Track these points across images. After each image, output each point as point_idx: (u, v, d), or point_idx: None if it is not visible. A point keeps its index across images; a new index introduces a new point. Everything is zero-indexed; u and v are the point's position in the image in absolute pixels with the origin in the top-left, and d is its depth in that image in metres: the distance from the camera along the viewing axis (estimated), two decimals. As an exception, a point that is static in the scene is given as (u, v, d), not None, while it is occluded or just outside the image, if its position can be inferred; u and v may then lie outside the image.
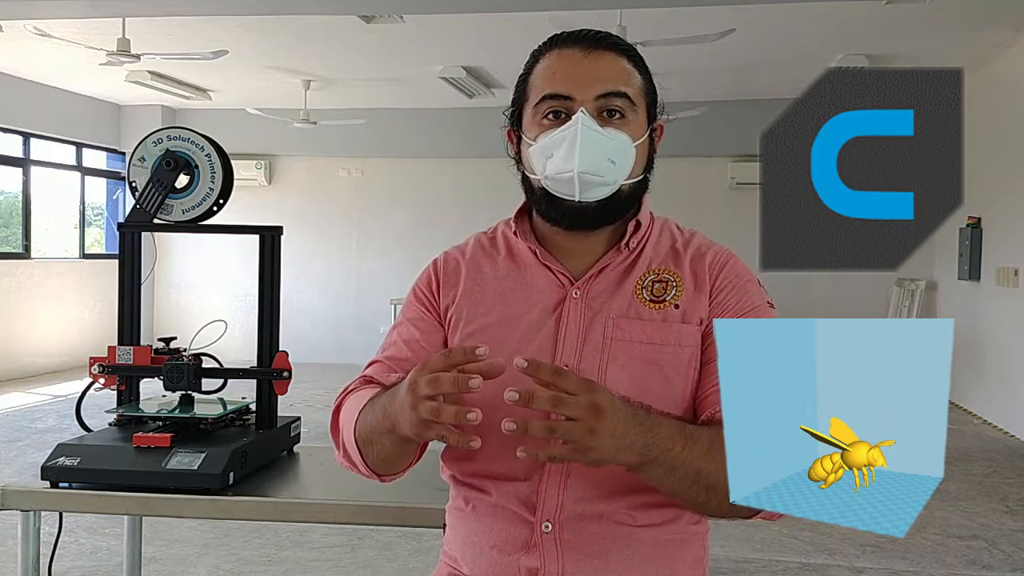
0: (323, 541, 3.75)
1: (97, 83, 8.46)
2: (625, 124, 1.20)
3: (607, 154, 1.18)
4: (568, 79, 1.19)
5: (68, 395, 7.29)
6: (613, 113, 1.19)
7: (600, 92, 1.18)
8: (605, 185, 1.19)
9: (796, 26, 6.18)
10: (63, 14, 5.49)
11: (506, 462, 1.20)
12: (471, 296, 1.26)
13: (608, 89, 1.18)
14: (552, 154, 1.19)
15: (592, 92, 1.18)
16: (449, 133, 9.17)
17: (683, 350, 1.19)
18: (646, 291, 1.22)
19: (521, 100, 1.25)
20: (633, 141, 1.20)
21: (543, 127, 1.20)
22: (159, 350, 2.04)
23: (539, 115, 1.21)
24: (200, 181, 2.03)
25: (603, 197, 1.20)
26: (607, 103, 1.19)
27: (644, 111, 1.23)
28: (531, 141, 1.22)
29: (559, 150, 1.18)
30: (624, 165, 1.20)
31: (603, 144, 1.17)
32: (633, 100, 1.20)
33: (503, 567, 1.20)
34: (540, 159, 1.20)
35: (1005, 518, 4.27)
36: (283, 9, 5.47)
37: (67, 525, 3.02)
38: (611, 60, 1.21)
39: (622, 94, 1.19)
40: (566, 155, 1.17)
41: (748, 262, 1.23)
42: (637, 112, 1.21)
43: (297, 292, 9.22)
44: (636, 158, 1.21)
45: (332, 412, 1.26)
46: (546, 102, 1.20)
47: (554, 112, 1.19)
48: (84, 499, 1.78)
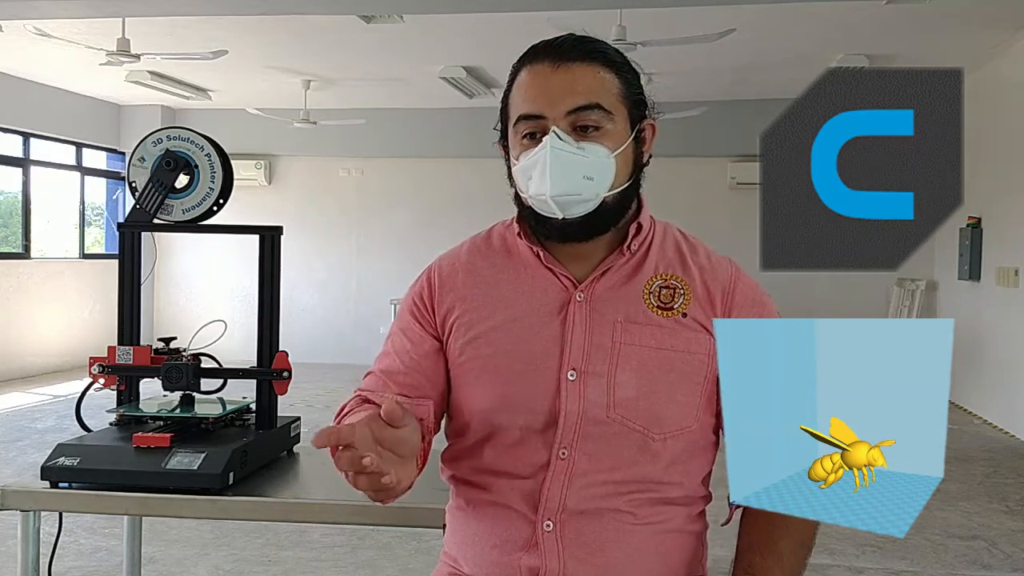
0: (323, 541, 3.75)
1: (97, 83, 8.46)
2: (602, 136, 1.18)
3: (582, 172, 1.16)
4: (538, 97, 1.18)
5: (68, 395, 7.29)
6: (587, 127, 1.17)
7: (571, 107, 1.16)
8: (584, 202, 1.17)
9: (796, 26, 6.18)
10: (63, 14, 5.49)
11: (509, 459, 1.20)
12: (471, 300, 1.26)
13: (579, 103, 1.16)
14: (531, 175, 1.18)
15: (562, 109, 1.16)
16: (449, 133, 9.17)
17: (692, 357, 1.19)
18: (653, 296, 1.22)
19: (504, 117, 1.25)
20: (611, 152, 1.18)
21: (523, 147, 1.20)
22: (159, 350, 2.04)
23: (518, 135, 1.20)
24: (200, 181, 2.03)
25: (585, 213, 1.18)
26: (579, 118, 1.17)
27: (624, 116, 1.20)
28: (515, 161, 1.22)
29: (535, 172, 1.17)
30: (603, 179, 1.18)
31: (576, 163, 1.16)
32: (608, 109, 1.18)
33: (504, 566, 1.20)
34: (523, 179, 1.20)
35: (1005, 518, 4.27)
36: (283, 9, 5.47)
37: (67, 525, 3.01)
38: (581, 71, 1.18)
39: (595, 106, 1.17)
40: (539, 179, 1.16)
41: (748, 262, 1.23)
42: (615, 120, 1.19)
43: (297, 292, 9.21)
44: (616, 168, 1.19)
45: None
46: (522, 123, 1.19)
47: (530, 133, 1.18)
48: (84, 499, 1.78)
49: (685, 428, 1.20)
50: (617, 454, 1.18)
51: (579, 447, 1.18)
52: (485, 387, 1.21)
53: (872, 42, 6.58)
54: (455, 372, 1.25)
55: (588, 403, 1.17)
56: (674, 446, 1.20)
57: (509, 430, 1.20)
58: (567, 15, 5.03)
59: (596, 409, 1.17)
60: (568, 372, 1.18)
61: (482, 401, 1.21)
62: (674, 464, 1.21)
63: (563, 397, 1.18)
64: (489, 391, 1.21)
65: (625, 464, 1.18)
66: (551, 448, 1.18)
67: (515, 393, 1.19)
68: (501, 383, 1.20)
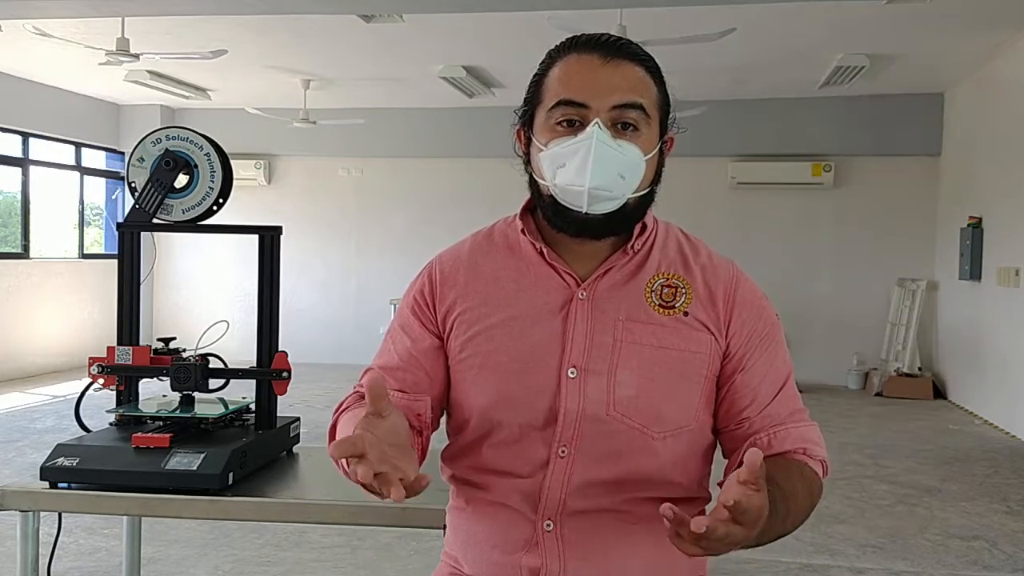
0: (323, 542, 3.74)
1: (96, 83, 8.46)
2: (638, 137, 1.17)
3: (618, 169, 1.16)
4: (585, 86, 1.16)
5: (67, 395, 7.29)
6: (627, 125, 1.17)
7: (617, 103, 1.16)
8: (613, 199, 1.17)
9: (796, 26, 6.18)
10: (62, 13, 5.49)
11: (509, 457, 1.20)
12: (473, 297, 1.25)
13: (625, 100, 1.16)
14: (564, 163, 1.16)
15: (608, 102, 1.16)
16: (449, 133, 9.16)
17: (693, 356, 1.19)
18: (655, 295, 1.22)
19: (534, 101, 1.22)
20: (645, 155, 1.18)
21: (556, 133, 1.18)
22: (158, 350, 2.04)
23: (552, 120, 1.18)
24: (199, 181, 2.03)
25: (610, 211, 1.18)
26: (622, 114, 1.16)
27: (657, 124, 1.20)
28: (542, 146, 1.19)
29: (572, 161, 1.16)
30: (633, 180, 1.18)
31: (615, 159, 1.15)
32: (648, 112, 1.18)
33: (505, 566, 1.20)
34: (551, 167, 1.18)
35: (1006, 518, 4.27)
36: (283, 9, 5.47)
37: (66, 525, 3.01)
38: (629, 70, 1.18)
39: (638, 106, 1.17)
40: (578, 168, 1.15)
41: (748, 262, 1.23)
42: (651, 125, 1.19)
43: (297, 292, 9.21)
44: (645, 172, 1.19)
45: (328, 430, 1.25)
46: (560, 108, 1.17)
47: (568, 120, 1.17)
48: (83, 499, 1.78)
49: (684, 427, 1.20)
50: (616, 452, 1.18)
51: (578, 445, 1.18)
52: (485, 384, 1.21)
53: (872, 42, 6.58)
54: (455, 369, 1.24)
55: (588, 401, 1.17)
56: (674, 445, 1.20)
57: (509, 427, 1.20)
58: (568, 14, 5.03)
59: (596, 407, 1.17)
60: (568, 370, 1.18)
61: (482, 398, 1.21)
62: (674, 463, 1.21)
63: (563, 395, 1.18)
64: (489, 388, 1.20)
65: (624, 462, 1.18)
66: (550, 446, 1.18)
67: (515, 390, 1.19)
68: (501, 380, 1.20)
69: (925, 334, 8.33)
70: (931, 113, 8.36)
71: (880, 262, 8.61)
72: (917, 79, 7.79)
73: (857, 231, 8.66)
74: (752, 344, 1.22)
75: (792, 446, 1.21)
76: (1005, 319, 6.56)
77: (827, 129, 8.54)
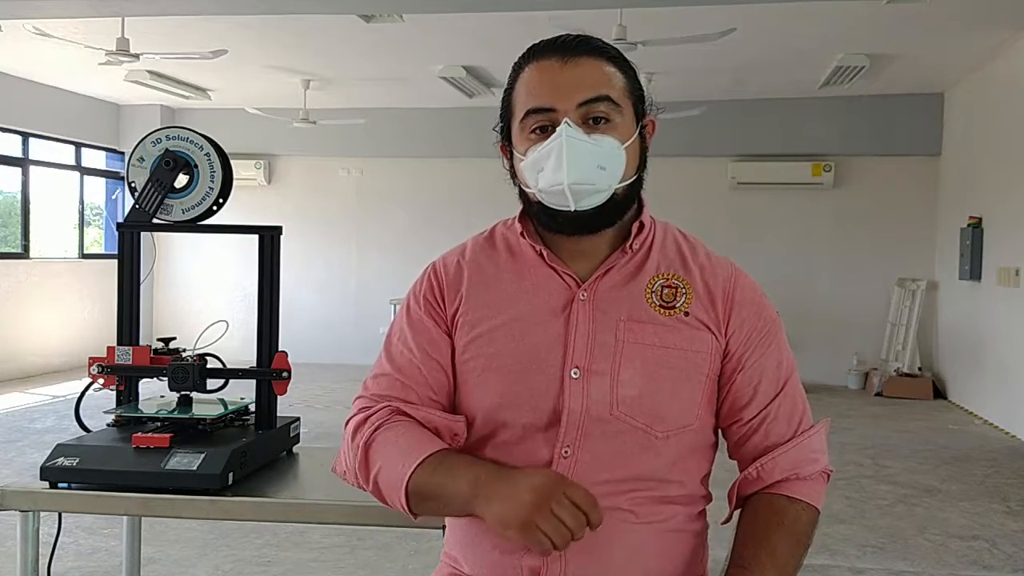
0: (322, 542, 3.74)
1: (96, 83, 8.45)
2: (612, 128, 1.19)
3: (596, 161, 1.17)
4: (549, 91, 1.19)
5: (67, 395, 7.29)
6: (599, 119, 1.18)
7: (582, 99, 1.18)
8: (598, 192, 1.18)
9: (796, 26, 6.18)
10: (63, 13, 5.49)
11: (512, 458, 1.20)
12: (476, 299, 1.26)
13: (590, 95, 1.18)
14: (543, 167, 1.18)
15: (574, 101, 1.18)
16: (449, 133, 9.16)
17: (695, 355, 1.20)
18: (656, 295, 1.22)
19: (508, 115, 1.25)
20: (622, 144, 1.19)
21: (531, 141, 1.20)
22: (158, 350, 2.03)
23: (526, 130, 1.21)
24: (199, 181, 2.03)
25: (598, 204, 1.19)
26: (590, 110, 1.18)
27: (631, 110, 1.22)
28: (522, 156, 1.22)
29: (548, 163, 1.18)
30: (615, 169, 1.19)
31: (590, 152, 1.17)
32: (617, 102, 1.19)
33: (505, 567, 1.20)
34: (532, 173, 1.20)
35: (1006, 519, 4.27)
36: (283, 8, 5.47)
37: (66, 526, 3.01)
38: (590, 65, 1.20)
39: (604, 98, 1.18)
40: (555, 168, 1.17)
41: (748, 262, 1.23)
42: (623, 113, 1.20)
43: (297, 292, 9.20)
44: (627, 160, 1.20)
45: (361, 447, 1.20)
46: (531, 117, 1.20)
47: (540, 127, 1.19)
48: (83, 500, 1.77)
49: (687, 426, 1.21)
50: (619, 452, 1.18)
51: (582, 445, 1.18)
52: (488, 386, 1.21)
53: (872, 42, 6.58)
54: (458, 370, 1.25)
55: (591, 401, 1.18)
56: (676, 444, 1.20)
57: (512, 428, 1.20)
58: (568, 15, 5.03)
59: (599, 407, 1.18)
60: (571, 370, 1.18)
61: (485, 399, 1.21)
62: (675, 462, 1.21)
63: (566, 395, 1.18)
64: (492, 389, 1.21)
65: (627, 462, 1.18)
66: (554, 447, 1.18)
67: (518, 391, 1.19)
68: (504, 381, 1.20)
69: (925, 334, 8.33)
70: (931, 113, 8.36)
71: (880, 262, 8.61)
72: (917, 79, 7.79)
73: (857, 231, 8.66)
74: (752, 342, 1.23)
75: (781, 475, 1.23)
76: (1005, 319, 6.56)
77: (827, 129, 8.54)
